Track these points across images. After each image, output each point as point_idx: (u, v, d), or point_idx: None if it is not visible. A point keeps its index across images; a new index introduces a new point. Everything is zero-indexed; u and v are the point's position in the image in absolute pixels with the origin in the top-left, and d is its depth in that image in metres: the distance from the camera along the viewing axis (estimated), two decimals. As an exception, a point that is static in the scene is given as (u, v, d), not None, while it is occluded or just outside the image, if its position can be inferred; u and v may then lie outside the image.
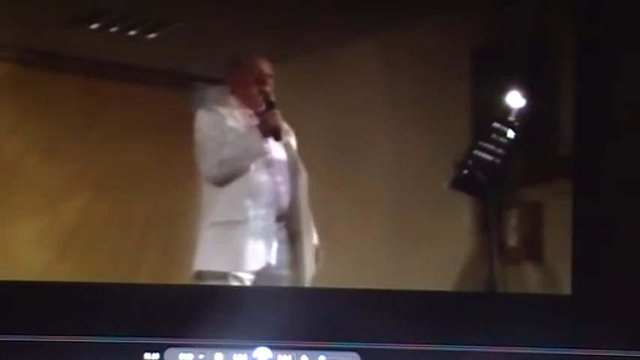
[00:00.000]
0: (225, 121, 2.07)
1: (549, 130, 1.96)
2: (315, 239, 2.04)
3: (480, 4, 1.98)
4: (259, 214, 2.05)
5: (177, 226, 2.22)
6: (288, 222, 2.07)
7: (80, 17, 2.10)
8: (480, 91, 2.01)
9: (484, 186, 2.00)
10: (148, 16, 2.10)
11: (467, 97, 2.02)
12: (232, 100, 2.10)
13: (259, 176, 2.05)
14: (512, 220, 2.08)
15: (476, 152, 1.97)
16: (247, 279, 2.07)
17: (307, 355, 1.92)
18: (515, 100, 1.93)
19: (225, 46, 2.10)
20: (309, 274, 2.05)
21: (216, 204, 2.03)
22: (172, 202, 2.22)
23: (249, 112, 2.07)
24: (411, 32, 2.08)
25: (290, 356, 1.92)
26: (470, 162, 1.98)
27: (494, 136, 1.96)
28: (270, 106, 2.05)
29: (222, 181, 2.02)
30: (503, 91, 1.95)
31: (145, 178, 2.22)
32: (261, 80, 2.06)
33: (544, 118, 1.95)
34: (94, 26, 2.13)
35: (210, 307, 1.94)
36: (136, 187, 2.22)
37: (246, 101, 2.08)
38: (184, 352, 1.92)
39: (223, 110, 2.08)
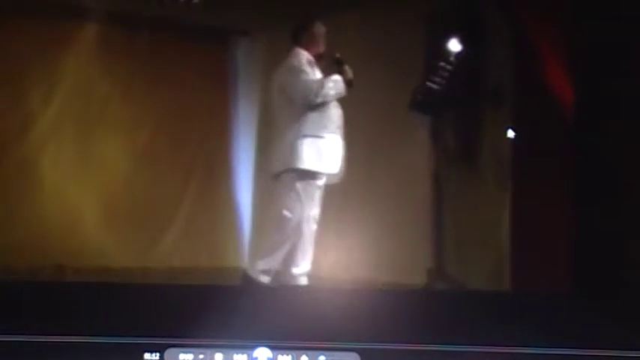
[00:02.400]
0: (312, 64, 2.86)
1: (479, 70, 2.75)
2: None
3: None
4: (333, 132, 2.83)
5: (215, 150, 3.19)
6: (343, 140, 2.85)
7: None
8: (431, 41, 2.80)
9: (432, 107, 2.78)
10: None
11: (422, 46, 2.83)
12: (304, 51, 2.86)
13: (332, 107, 2.83)
14: (454, 131, 2.85)
15: (428, 83, 2.73)
16: (317, 178, 2.81)
17: (307, 355, 1.92)
18: (455, 46, 2.71)
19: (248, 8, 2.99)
20: (339, 174, 2.83)
21: (307, 122, 2.81)
22: (213, 131, 3.20)
23: (315, 59, 2.87)
24: (384, 5, 2.87)
25: (290, 356, 1.93)
26: (423, 90, 2.75)
27: (440, 72, 2.72)
28: (342, 63, 2.82)
29: (317, 108, 2.80)
30: (448, 40, 2.73)
31: (195, 112, 3.13)
32: (322, 38, 2.86)
33: (478, 61, 2.75)
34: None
35: (210, 307, 1.94)
36: (188, 119, 3.13)
37: (312, 52, 2.86)
38: (184, 352, 1.92)
39: (306, 56, 2.86)
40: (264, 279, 2.75)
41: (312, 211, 2.80)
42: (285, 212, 2.78)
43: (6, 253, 2.69)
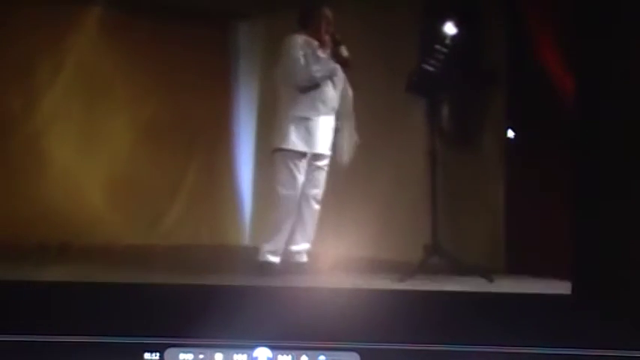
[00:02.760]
0: (307, 48, 2.89)
1: (473, 53, 2.85)
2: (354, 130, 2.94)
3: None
4: (326, 114, 2.89)
5: (216, 128, 3.33)
6: (340, 120, 2.91)
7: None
8: (427, 27, 2.86)
9: (428, 88, 2.84)
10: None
11: (418, 30, 2.90)
12: (306, 35, 2.89)
13: (328, 89, 2.89)
14: (449, 112, 2.95)
15: (423, 66, 2.79)
16: (313, 158, 2.87)
17: (307, 355, 1.92)
18: (450, 30, 2.79)
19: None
20: (346, 155, 2.89)
21: (296, 103, 2.87)
22: (214, 110, 3.32)
23: (318, 43, 2.89)
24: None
25: (290, 356, 1.93)
26: (419, 72, 2.81)
27: (436, 54, 2.79)
28: (338, 43, 2.85)
29: (306, 90, 2.87)
30: (443, 25, 2.79)
31: (196, 91, 3.24)
32: (326, 23, 2.89)
33: (470, 45, 2.83)
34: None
35: (210, 307, 1.94)
36: (189, 94, 3.24)
37: (316, 36, 2.88)
38: (184, 352, 1.93)
39: (303, 40, 2.89)
40: (274, 259, 2.80)
41: (312, 190, 2.86)
42: (280, 190, 2.85)
43: (12, 230, 2.81)
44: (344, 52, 2.86)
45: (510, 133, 2.78)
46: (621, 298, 1.92)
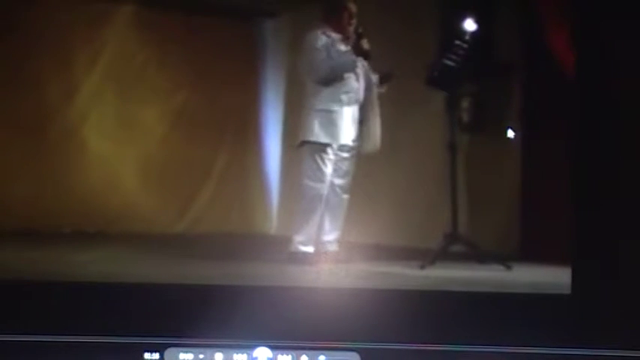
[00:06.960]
0: (329, 42, 2.95)
1: (491, 47, 2.99)
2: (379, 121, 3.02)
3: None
4: (349, 106, 2.94)
5: (245, 120, 3.53)
6: (364, 111, 2.97)
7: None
8: (447, 22, 3.00)
9: (448, 82, 2.94)
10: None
11: (439, 25, 3.06)
12: (327, 28, 2.96)
13: (351, 81, 2.95)
14: (466, 104, 3.08)
15: (443, 60, 2.89)
16: (338, 149, 2.93)
17: (307, 355, 1.92)
18: (469, 26, 2.88)
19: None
20: (373, 144, 2.96)
21: (320, 96, 2.93)
22: (240, 97, 3.49)
23: (341, 36, 2.96)
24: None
25: (290, 356, 1.93)
26: (438, 66, 2.92)
27: (455, 49, 2.88)
28: (360, 35, 2.92)
29: (329, 83, 2.92)
30: (462, 21, 2.89)
31: (226, 83, 3.43)
32: (349, 17, 2.95)
33: (488, 40, 2.96)
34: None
35: (210, 307, 1.94)
36: (218, 86, 3.42)
37: (339, 30, 2.95)
38: (184, 351, 1.93)
39: (324, 35, 2.95)
40: (307, 249, 2.87)
41: (339, 180, 2.92)
42: (307, 182, 2.90)
43: (53, 217, 3.06)
44: (365, 44, 2.92)
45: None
46: (621, 298, 1.93)
